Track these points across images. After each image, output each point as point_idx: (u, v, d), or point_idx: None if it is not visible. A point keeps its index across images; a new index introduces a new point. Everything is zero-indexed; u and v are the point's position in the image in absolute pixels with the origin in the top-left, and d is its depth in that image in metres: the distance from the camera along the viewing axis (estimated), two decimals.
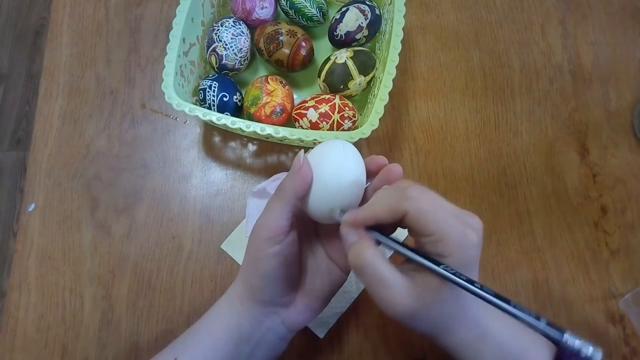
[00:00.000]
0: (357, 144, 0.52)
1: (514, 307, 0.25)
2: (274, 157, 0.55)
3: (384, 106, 0.46)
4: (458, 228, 0.28)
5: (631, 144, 0.55)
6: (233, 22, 0.53)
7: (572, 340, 0.24)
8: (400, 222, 0.29)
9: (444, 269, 0.27)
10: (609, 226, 0.52)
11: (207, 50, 0.53)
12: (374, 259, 0.29)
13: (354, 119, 0.50)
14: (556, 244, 0.51)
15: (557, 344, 0.25)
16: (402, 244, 0.30)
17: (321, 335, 0.47)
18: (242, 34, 0.53)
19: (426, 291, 0.28)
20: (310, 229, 0.38)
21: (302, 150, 0.33)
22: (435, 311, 0.29)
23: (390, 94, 0.47)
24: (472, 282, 0.27)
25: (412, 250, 0.29)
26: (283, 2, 0.54)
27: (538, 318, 0.25)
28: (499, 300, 0.26)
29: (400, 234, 0.50)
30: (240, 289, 0.36)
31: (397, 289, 0.28)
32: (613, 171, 0.54)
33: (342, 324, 0.48)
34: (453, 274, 0.27)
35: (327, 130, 0.49)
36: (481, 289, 0.26)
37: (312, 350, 0.48)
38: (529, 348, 0.32)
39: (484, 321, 0.31)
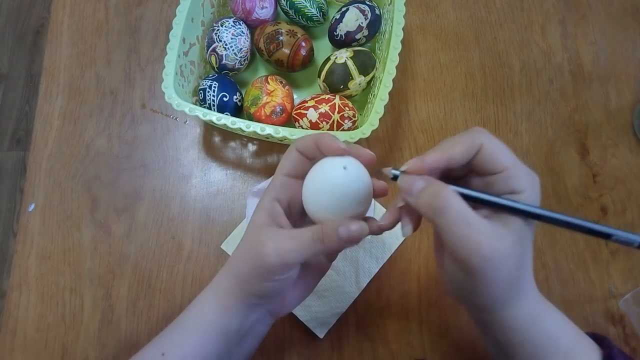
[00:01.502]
0: (357, 144, 0.53)
1: (604, 227, 0.27)
2: (274, 157, 0.55)
3: (384, 106, 0.46)
4: (525, 166, 0.28)
5: (631, 144, 0.55)
6: (233, 22, 0.53)
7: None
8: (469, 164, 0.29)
9: (522, 205, 0.27)
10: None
11: (207, 50, 0.53)
12: (455, 198, 0.27)
13: (354, 119, 0.50)
14: (556, 244, 0.51)
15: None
16: (474, 189, 0.29)
17: (321, 335, 0.47)
18: (242, 34, 0.53)
19: (509, 232, 0.28)
20: (300, 225, 0.37)
21: (364, 223, 0.31)
22: (517, 260, 0.28)
23: (390, 94, 0.47)
24: (553, 212, 0.27)
25: (486, 193, 0.29)
26: (283, 2, 0.54)
27: (633, 233, 0.27)
28: (589, 223, 0.27)
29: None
30: (231, 287, 0.34)
31: (483, 230, 0.27)
32: (613, 171, 0.54)
33: (342, 324, 0.48)
34: (534, 207, 0.27)
35: (327, 130, 0.49)
36: (567, 216, 0.27)
37: (312, 350, 0.48)
38: (577, 345, 0.31)
39: (541, 304, 0.31)
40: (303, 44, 0.52)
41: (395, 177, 0.30)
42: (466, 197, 0.28)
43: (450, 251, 0.28)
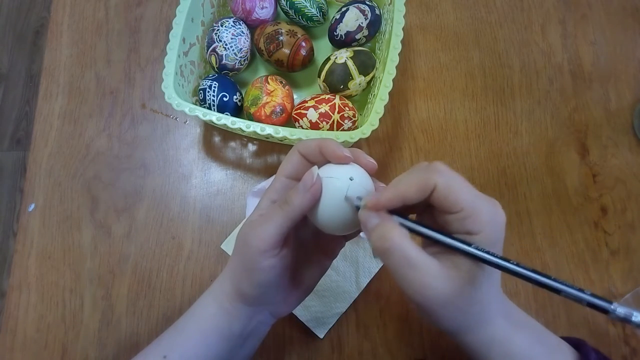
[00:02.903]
0: (357, 144, 0.53)
1: (556, 281, 0.24)
2: (274, 157, 0.55)
3: (384, 106, 0.46)
4: (487, 204, 0.27)
5: (631, 144, 0.55)
6: (233, 22, 0.53)
7: (621, 309, 0.24)
8: (426, 201, 0.28)
9: (474, 248, 0.26)
10: (609, 226, 0.52)
11: (207, 50, 0.53)
12: (401, 240, 0.27)
13: (354, 119, 0.50)
14: (556, 244, 0.51)
15: (606, 313, 0.24)
16: (427, 226, 0.28)
17: (321, 335, 0.47)
18: (242, 34, 0.53)
19: (455, 274, 0.27)
20: (301, 223, 0.37)
21: (316, 167, 0.31)
22: (468, 299, 0.28)
23: (390, 94, 0.47)
24: (507, 260, 0.25)
25: (438, 231, 0.28)
26: (283, 2, 0.54)
27: (582, 290, 0.24)
28: (539, 275, 0.25)
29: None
30: (229, 291, 0.35)
31: (428, 271, 0.27)
32: (613, 171, 0.54)
33: (342, 324, 0.48)
34: (486, 252, 0.26)
35: (327, 130, 0.49)
36: (518, 265, 0.25)
37: (312, 350, 0.48)
38: (553, 352, 0.31)
39: (511, 318, 0.30)
40: (303, 44, 0.52)
41: (358, 206, 0.30)
42: (419, 233, 0.28)
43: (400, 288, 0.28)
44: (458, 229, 0.27)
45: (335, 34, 0.53)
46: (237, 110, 0.52)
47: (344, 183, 0.30)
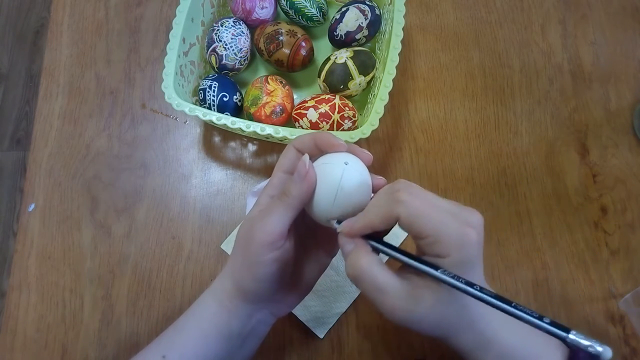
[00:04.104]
0: (357, 144, 0.53)
1: (515, 307, 0.25)
2: (274, 157, 0.55)
3: (384, 106, 0.46)
4: (454, 227, 0.27)
5: (631, 144, 0.55)
6: (233, 22, 0.53)
7: (577, 339, 0.24)
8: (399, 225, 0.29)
9: (441, 273, 0.27)
10: (609, 226, 0.52)
11: (207, 50, 0.53)
12: (369, 267, 0.29)
13: (354, 119, 0.50)
14: (556, 244, 0.51)
15: (565, 342, 0.24)
16: (399, 250, 0.30)
17: (321, 335, 0.47)
18: (242, 34, 0.53)
19: (425, 294, 0.28)
20: (299, 220, 0.36)
21: (307, 155, 0.32)
22: (437, 314, 0.29)
23: (390, 94, 0.47)
24: (471, 285, 0.26)
25: (408, 255, 0.29)
26: (283, 2, 0.54)
27: (541, 318, 0.24)
28: (499, 301, 0.25)
29: (397, 234, 0.50)
30: (229, 288, 0.35)
31: (394, 294, 0.28)
32: (613, 171, 0.54)
33: (342, 324, 0.48)
34: (451, 277, 0.27)
35: (327, 130, 0.49)
36: (481, 291, 0.26)
37: (312, 350, 0.48)
38: (539, 352, 0.32)
39: (492, 324, 0.31)
40: (303, 44, 0.52)
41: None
42: (392, 257, 0.30)
43: None
44: (428, 252, 0.28)
45: (335, 34, 0.53)
46: (237, 110, 0.52)
47: (339, 168, 0.31)
